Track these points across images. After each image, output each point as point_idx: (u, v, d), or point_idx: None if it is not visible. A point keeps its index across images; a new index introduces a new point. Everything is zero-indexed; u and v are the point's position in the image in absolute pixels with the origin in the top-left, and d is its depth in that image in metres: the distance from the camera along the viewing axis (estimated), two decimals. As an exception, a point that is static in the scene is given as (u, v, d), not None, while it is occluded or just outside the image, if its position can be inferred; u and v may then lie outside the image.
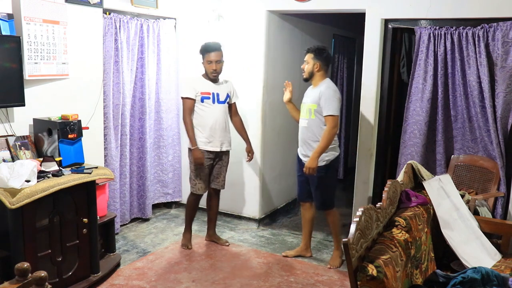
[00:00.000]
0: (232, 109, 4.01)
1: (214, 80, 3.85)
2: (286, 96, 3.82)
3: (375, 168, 4.06)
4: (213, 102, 3.81)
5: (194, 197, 3.98)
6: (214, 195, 4.08)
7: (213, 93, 3.81)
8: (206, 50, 3.80)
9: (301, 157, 3.74)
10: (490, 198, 3.54)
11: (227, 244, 4.12)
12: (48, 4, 3.32)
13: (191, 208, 4.02)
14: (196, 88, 3.79)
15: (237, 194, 4.66)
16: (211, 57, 3.77)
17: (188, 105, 3.79)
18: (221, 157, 3.94)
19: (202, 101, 3.79)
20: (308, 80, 3.67)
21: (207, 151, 3.83)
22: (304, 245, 3.94)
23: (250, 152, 4.10)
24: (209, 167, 3.91)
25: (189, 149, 3.85)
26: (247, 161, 4.16)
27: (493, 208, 3.57)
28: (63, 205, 3.05)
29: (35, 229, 2.89)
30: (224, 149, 3.91)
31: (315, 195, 3.72)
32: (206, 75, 3.86)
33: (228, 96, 3.91)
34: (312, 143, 3.59)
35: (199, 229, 4.41)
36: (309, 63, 3.61)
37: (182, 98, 3.83)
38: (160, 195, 4.83)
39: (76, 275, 3.18)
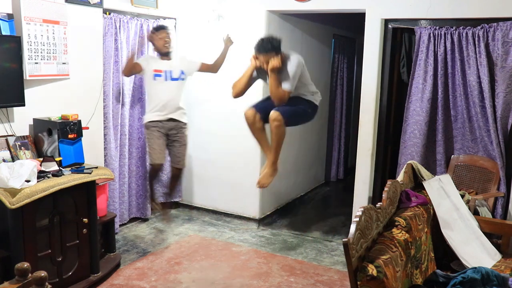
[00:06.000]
0: (206, 66, 4.11)
1: (167, 58, 3.93)
2: None
3: (375, 168, 4.06)
4: (166, 79, 3.89)
5: (152, 168, 4.06)
6: (176, 175, 4.24)
7: (165, 71, 3.89)
8: (160, 28, 3.94)
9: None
10: (490, 198, 3.54)
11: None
12: (48, 4, 3.32)
13: (149, 177, 4.16)
14: (150, 62, 3.88)
15: (237, 194, 4.65)
16: (163, 33, 3.90)
17: (132, 63, 3.82)
18: (173, 131, 4.00)
19: (154, 78, 3.87)
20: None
21: (155, 121, 3.91)
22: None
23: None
24: (162, 138, 3.96)
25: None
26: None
27: (493, 208, 3.57)
28: (63, 205, 3.06)
29: (35, 229, 2.89)
30: (170, 116, 3.96)
31: None
32: (159, 54, 3.96)
33: (182, 72, 3.99)
34: None
35: (199, 229, 4.42)
36: None
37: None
38: (160, 195, 4.82)
39: (76, 275, 3.18)
